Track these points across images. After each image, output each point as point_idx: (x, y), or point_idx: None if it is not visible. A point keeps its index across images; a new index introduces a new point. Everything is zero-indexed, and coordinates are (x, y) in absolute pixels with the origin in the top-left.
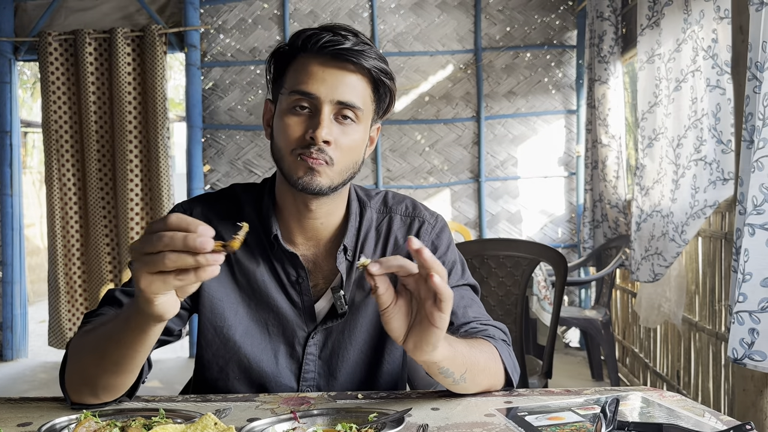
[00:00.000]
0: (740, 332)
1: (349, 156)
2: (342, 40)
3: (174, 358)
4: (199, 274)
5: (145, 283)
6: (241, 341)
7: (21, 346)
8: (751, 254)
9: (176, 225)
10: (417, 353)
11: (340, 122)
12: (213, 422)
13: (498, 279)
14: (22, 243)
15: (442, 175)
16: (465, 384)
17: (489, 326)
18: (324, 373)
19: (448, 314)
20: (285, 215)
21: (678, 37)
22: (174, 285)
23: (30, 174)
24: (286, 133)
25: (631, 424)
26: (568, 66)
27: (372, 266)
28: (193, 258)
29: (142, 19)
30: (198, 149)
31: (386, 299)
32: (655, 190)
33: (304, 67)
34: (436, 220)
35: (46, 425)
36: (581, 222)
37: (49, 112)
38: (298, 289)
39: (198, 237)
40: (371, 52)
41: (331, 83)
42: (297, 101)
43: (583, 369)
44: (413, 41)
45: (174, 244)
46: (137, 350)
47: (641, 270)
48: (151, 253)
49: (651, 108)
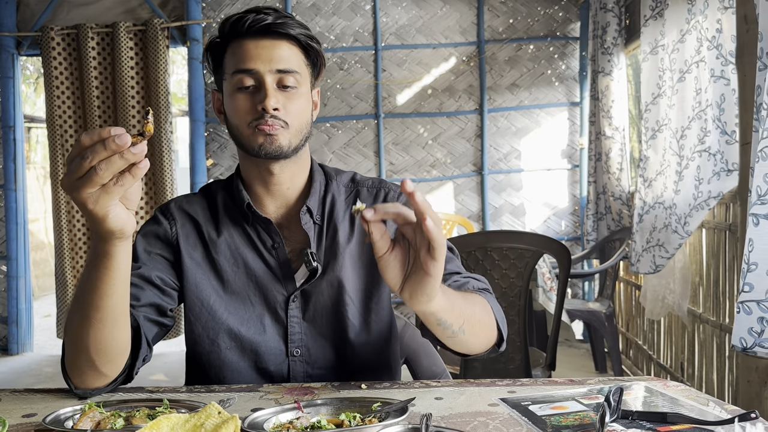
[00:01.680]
0: (748, 322)
1: (299, 118)
2: (265, 17)
3: (178, 352)
4: (134, 172)
5: (91, 203)
6: (228, 312)
7: (26, 341)
8: (756, 244)
9: (90, 140)
10: (414, 303)
11: (283, 91)
12: (217, 411)
13: (501, 271)
14: (26, 238)
15: (445, 168)
16: (464, 336)
17: (469, 278)
18: (311, 334)
19: (441, 262)
20: (253, 186)
21: (682, 27)
22: (117, 192)
23: (34, 169)
24: (238, 109)
25: (635, 413)
26: (571, 58)
27: (367, 212)
28: (121, 158)
29: (144, 13)
30: (201, 143)
31: (381, 246)
32: (658, 182)
33: (238, 49)
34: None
35: (50, 416)
36: (585, 214)
37: (53, 107)
38: (275, 254)
39: (115, 137)
40: (294, 23)
41: (266, 56)
42: (240, 80)
43: (587, 361)
44: (416, 34)
45: (98, 154)
46: (110, 284)
47: (642, 261)
48: (83, 176)
49: (654, 99)
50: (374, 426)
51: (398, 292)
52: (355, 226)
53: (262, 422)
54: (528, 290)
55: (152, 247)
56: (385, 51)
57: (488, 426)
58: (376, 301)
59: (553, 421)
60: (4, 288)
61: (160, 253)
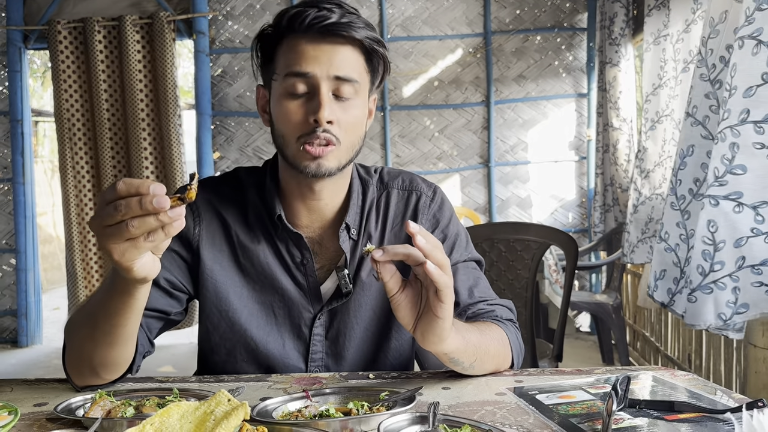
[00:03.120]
0: (724, 296)
1: (353, 132)
2: (328, 14)
3: (187, 344)
4: (167, 230)
5: (117, 254)
6: (247, 324)
7: (36, 333)
8: (720, 223)
9: (126, 191)
10: (426, 344)
11: (339, 100)
12: (227, 399)
13: (508, 263)
14: (35, 231)
15: (452, 161)
16: (473, 370)
17: (496, 305)
18: (332, 353)
19: (449, 305)
20: (289, 197)
21: (687, 17)
22: (146, 248)
23: (42, 163)
24: (287, 118)
25: (642, 402)
26: (578, 49)
27: (376, 252)
28: (155, 219)
29: (151, 6)
30: (207, 136)
31: (392, 286)
32: (656, 173)
33: (294, 48)
34: (434, 192)
35: (61, 405)
36: (592, 206)
37: (61, 101)
38: (303, 270)
39: (152, 198)
40: (359, 22)
41: (325, 60)
42: (292, 85)
43: (594, 353)
44: (422, 25)
45: (132, 210)
46: (126, 317)
47: (636, 252)
48: (112, 225)
49: (655, 90)
50: (382, 414)
51: (411, 332)
52: (385, 239)
53: (271, 411)
54: (535, 282)
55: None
56: (391, 43)
57: (495, 415)
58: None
59: (561, 410)
60: (13, 281)
61: (176, 250)
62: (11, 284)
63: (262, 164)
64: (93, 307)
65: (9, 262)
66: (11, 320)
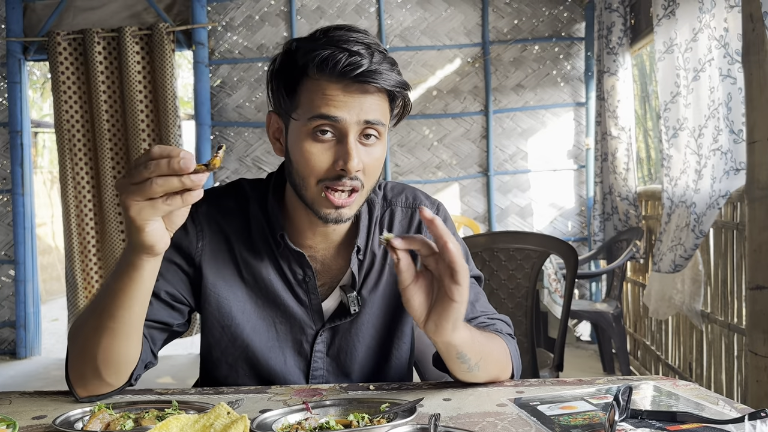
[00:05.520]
0: None
1: (375, 174)
2: (359, 60)
3: (185, 355)
4: (185, 198)
5: (134, 210)
6: (249, 339)
7: (34, 344)
8: None
9: (159, 154)
10: (439, 333)
11: (363, 143)
12: (226, 411)
13: (508, 272)
14: (34, 242)
15: (451, 170)
16: (478, 372)
17: (496, 320)
18: (333, 370)
19: (466, 287)
20: (294, 219)
21: (694, 26)
22: (163, 210)
23: (41, 174)
24: (311, 162)
25: (645, 413)
26: (576, 58)
27: (395, 240)
28: (178, 180)
29: (150, 17)
30: (207, 147)
31: (407, 276)
32: (681, 180)
33: (322, 90)
34: (437, 209)
35: (60, 417)
36: (591, 215)
37: (61, 112)
38: (305, 288)
39: (181, 159)
40: (387, 67)
41: (355, 105)
42: (319, 127)
43: (595, 362)
44: (420, 35)
45: (159, 169)
46: (131, 296)
47: (663, 261)
48: (138, 182)
49: (673, 98)
50: (383, 426)
51: (422, 325)
52: (387, 261)
53: (270, 423)
54: (535, 291)
55: (171, 254)
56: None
57: (497, 426)
58: (399, 335)
59: (562, 421)
60: (12, 292)
61: (178, 263)
62: (10, 295)
63: (263, 175)
64: (99, 294)
65: (8, 273)
66: (10, 331)
